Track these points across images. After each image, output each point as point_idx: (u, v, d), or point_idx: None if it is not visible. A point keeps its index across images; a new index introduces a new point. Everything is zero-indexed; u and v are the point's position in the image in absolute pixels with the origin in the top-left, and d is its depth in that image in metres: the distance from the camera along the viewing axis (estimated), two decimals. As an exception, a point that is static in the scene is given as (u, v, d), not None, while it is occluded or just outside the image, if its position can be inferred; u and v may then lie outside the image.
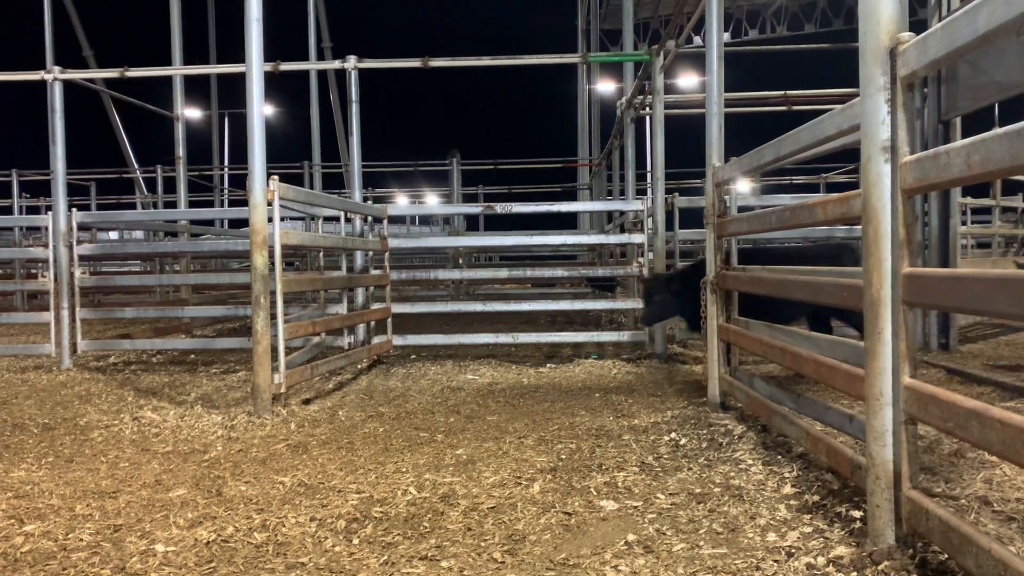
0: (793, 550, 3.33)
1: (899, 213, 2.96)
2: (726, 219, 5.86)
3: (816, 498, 3.93)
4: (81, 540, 3.70)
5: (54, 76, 9.72)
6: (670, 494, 4.19)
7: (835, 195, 3.94)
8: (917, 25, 4.39)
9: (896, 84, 2.96)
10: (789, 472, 4.39)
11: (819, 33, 25.96)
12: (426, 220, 26.87)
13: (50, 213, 9.65)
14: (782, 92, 12.25)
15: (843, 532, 3.46)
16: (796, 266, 5.51)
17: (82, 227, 10.15)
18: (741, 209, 6.36)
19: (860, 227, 3.21)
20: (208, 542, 3.63)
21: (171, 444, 5.67)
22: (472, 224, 21.83)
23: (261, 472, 4.80)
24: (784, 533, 3.54)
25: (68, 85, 10.19)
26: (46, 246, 9.71)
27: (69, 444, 5.74)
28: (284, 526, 3.81)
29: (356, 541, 3.65)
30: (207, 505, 4.16)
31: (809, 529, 3.56)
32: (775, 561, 3.25)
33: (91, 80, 13.84)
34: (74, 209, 9.87)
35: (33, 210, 22.16)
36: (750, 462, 4.67)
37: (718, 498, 4.08)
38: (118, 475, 4.84)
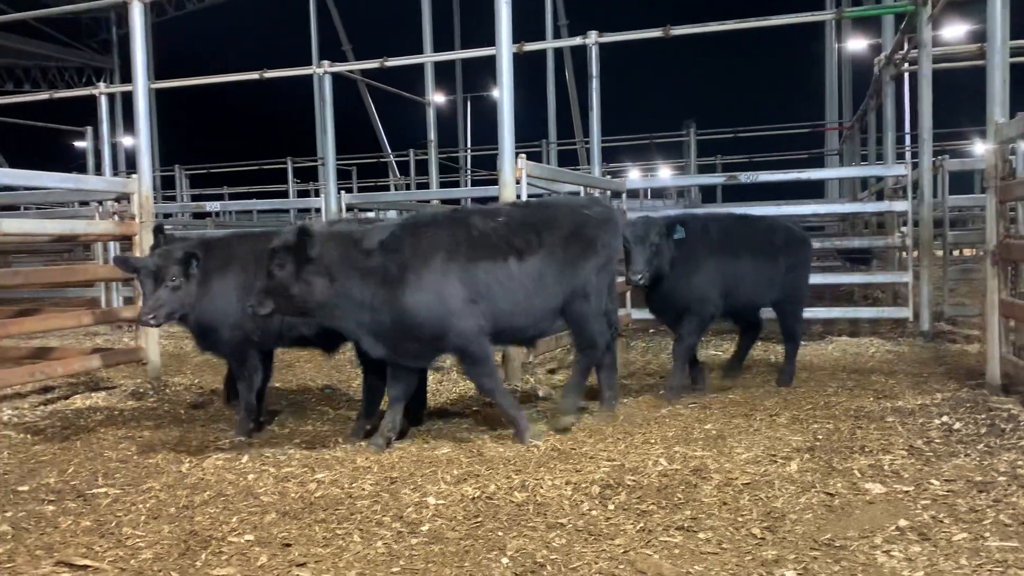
0: (1103, 551, 2.97)
1: None
2: (1013, 182, 5.26)
3: None
4: (363, 489, 4.09)
5: (324, 70, 10.67)
6: (945, 480, 3.88)
7: None
8: None
9: None
10: (1092, 465, 3.90)
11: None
12: (659, 193, 26.51)
13: (322, 196, 10.63)
14: (1078, 36, 10.66)
15: None
16: None
17: (348, 208, 11.10)
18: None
19: None
20: (474, 498, 3.88)
21: (431, 405, 6.09)
22: (707, 196, 21.24)
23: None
24: (1090, 531, 3.16)
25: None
26: (319, 225, 10.68)
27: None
28: (542, 487, 3.97)
29: (611, 507, 3.73)
30: (470, 464, 4.44)
31: (1122, 529, 3.15)
32: (1080, 561, 2.92)
33: (350, 71, 15.04)
34: (342, 191, 10.80)
35: (303, 193, 24.51)
36: (1041, 451, 4.21)
37: (1004, 488, 3.72)
38: (389, 432, 5.26)
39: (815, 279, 10.37)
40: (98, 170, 17.56)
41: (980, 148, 19.82)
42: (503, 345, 5.52)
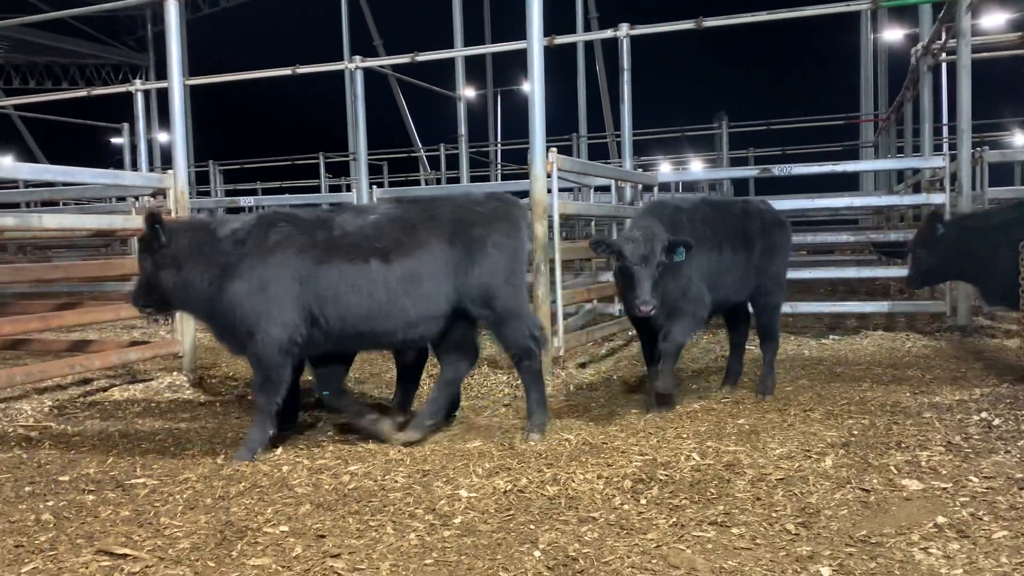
0: None
1: None
2: (1054, 173, 5.14)
3: None
4: (396, 482, 4.12)
5: (356, 65, 10.69)
6: (985, 477, 3.82)
7: None
8: None
9: None
10: None
11: None
12: (689, 187, 26.29)
13: (354, 191, 10.69)
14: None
15: None
16: None
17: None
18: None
19: None
20: (506, 491, 3.89)
21: (464, 400, 6.11)
22: (739, 189, 21.03)
23: (548, 429, 5.02)
24: None
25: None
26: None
27: (376, 398, 6.39)
28: (573, 481, 3.97)
29: (643, 501, 3.72)
30: (502, 457, 4.45)
31: None
32: (1125, 561, 2.85)
33: (381, 66, 15.08)
34: (373, 186, 10.84)
35: (335, 188, 24.64)
36: (1084, 449, 4.12)
37: (1046, 486, 3.65)
38: (421, 426, 5.29)
39: (850, 273, 10.31)
40: (134, 166, 17.78)
41: (1020, 139, 19.43)
42: (368, 349, 5.25)
